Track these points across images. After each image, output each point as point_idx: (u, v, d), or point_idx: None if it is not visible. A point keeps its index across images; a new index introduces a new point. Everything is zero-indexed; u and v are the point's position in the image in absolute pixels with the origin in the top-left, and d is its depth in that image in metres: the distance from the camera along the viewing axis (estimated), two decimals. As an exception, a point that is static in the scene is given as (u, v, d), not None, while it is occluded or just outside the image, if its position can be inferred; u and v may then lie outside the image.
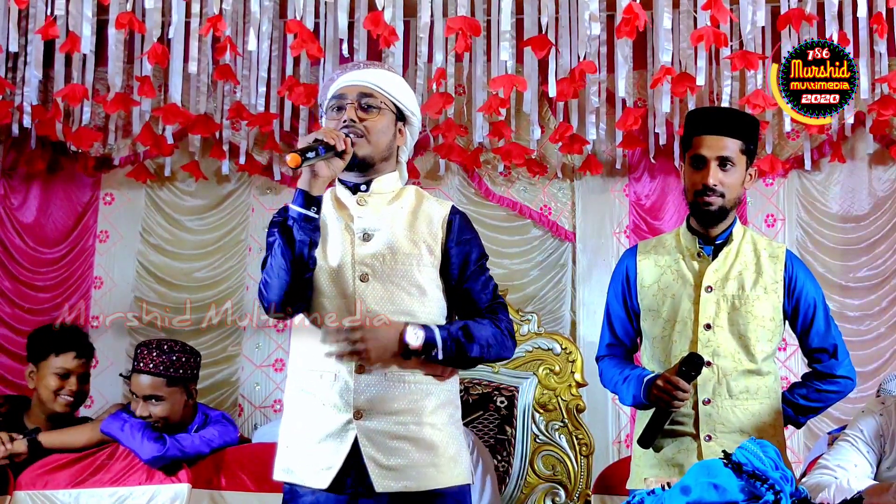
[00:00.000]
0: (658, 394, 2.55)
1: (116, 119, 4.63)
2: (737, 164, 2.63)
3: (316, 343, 2.13)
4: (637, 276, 2.76)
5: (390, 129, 2.21)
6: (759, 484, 1.68)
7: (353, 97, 2.16)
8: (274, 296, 2.07)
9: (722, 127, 2.65)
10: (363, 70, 2.22)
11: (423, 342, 2.06)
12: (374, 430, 2.08)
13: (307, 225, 2.04)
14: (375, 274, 2.12)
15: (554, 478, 3.63)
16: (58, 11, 3.66)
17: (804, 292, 2.68)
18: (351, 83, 2.19)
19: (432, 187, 4.73)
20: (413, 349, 2.05)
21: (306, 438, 2.13)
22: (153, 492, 3.15)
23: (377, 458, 2.08)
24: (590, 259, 4.67)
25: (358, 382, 2.09)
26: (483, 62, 4.25)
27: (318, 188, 2.05)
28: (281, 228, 2.05)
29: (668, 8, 3.74)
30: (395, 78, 2.25)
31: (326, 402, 2.11)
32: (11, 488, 3.15)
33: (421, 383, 2.13)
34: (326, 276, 2.14)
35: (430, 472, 2.10)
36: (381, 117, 2.18)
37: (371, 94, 2.17)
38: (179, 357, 3.25)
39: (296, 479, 2.14)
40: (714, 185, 2.61)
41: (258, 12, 3.80)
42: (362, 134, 2.13)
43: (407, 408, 2.10)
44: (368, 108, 2.16)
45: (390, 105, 2.20)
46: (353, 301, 2.11)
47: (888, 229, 4.51)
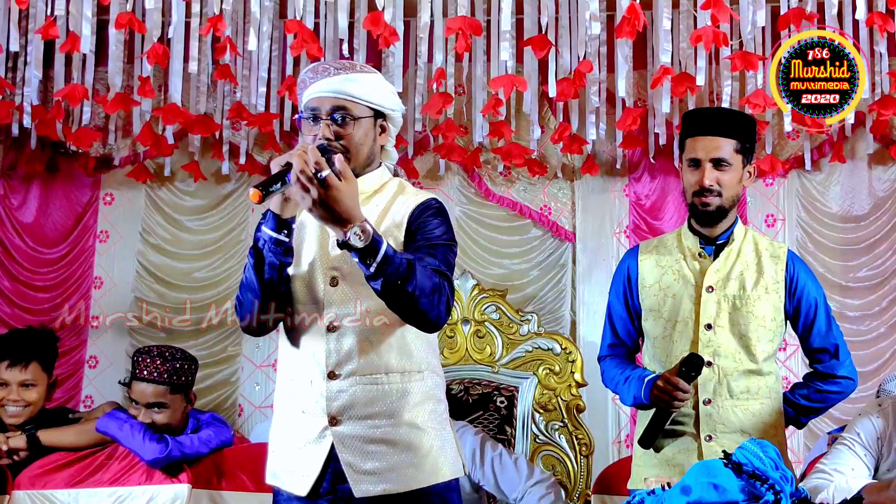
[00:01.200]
0: (658, 394, 2.56)
1: (116, 119, 4.63)
2: (732, 163, 2.64)
3: (295, 349, 2.13)
4: (638, 276, 2.76)
5: (369, 135, 2.14)
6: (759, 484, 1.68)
7: (326, 110, 2.09)
8: (246, 314, 2.09)
9: (715, 127, 2.66)
10: (333, 77, 2.11)
11: (365, 246, 1.87)
12: (349, 435, 2.07)
13: (278, 249, 2.02)
14: (344, 276, 2.09)
15: (554, 478, 3.62)
16: (58, 11, 3.66)
17: (805, 292, 2.68)
18: (322, 94, 2.10)
19: (432, 187, 4.73)
20: (346, 244, 1.88)
21: (289, 445, 2.14)
22: (153, 492, 3.15)
23: (354, 463, 2.06)
24: (590, 259, 4.67)
25: (330, 389, 2.08)
26: (483, 62, 4.25)
27: (289, 212, 2.02)
28: (253, 250, 2.04)
29: (667, 8, 3.74)
30: (367, 79, 2.14)
31: (305, 408, 2.11)
32: (10, 488, 3.15)
33: (395, 383, 2.09)
34: (300, 281, 2.12)
35: (409, 472, 2.07)
36: (358, 127, 2.11)
37: (344, 106, 2.09)
38: (182, 364, 3.26)
39: (280, 484, 2.16)
40: (710, 185, 2.62)
41: (258, 12, 3.80)
42: (338, 150, 2.04)
43: (381, 410, 2.08)
44: (343, 120, 2.09)
45: (366, 111, 2.12)
46: (322, 305, 2.09)
47: (888, 229, 4.51)
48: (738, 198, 2.69)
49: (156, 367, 3.23)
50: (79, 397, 4.67)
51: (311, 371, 2.10)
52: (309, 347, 2.11)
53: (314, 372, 2.09)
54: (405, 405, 2.09)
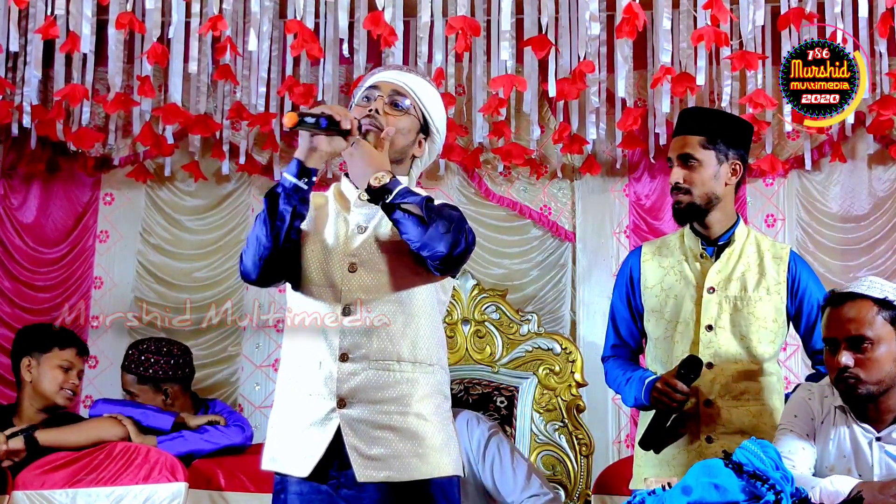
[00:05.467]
0: (657, 396, 2.56)
1: (116, 119, 4.63)
2: (700, 159, 2.63)
3: (305, 333, 2.13)
4: (641, 277, 2.77)
5: (411, 134, 2.20)
6: (759, 484, 1.68)
7: (385, 91, 2.17)
8: (249, 261, 2.09)
9: (681, 127, 2.70)
10: (404, 72, 2.23)
11: (383, 185, 2.01)
12: (357, 418, 2.07)
13: (295, 196, 2.04)
14: (364, 263, 2.12)
15: (554, 478, 3.62)
16: (58, 11, 3.66)
17: (807, 293, 2.68)
18: (387, 79, 2.20)
19: (432, 187, 4.72)
20: (372, 188, 2.01)
21: (291, 427, 2.13)
22: (150, 491, 3.15)
23: (359, 447, 2.06)
24: (590, 259, 4.66)
25: (342, 371, 2.08)
26: (483, 62, 4.25)
27: (314, 161, 2.04)
28: (268, 197, 2.06)
29: (667, 8, 3.74)
30: (431, 90, 2.25)
31: (312, 390, 2.11)
32: (10, 488, 3.15)
33: (406, 372, 2.11)
34: (317, 264, 2.14)
35: (413, 462, 2.07)
36: (406, 118, 2.18)
37: (403, 93, 2.18)
38: (150, 357, 3.49)
39: (280, 468, 2.15)
40: (677, 182, 2.64)
41: (258, 12, 3.80)
42: (381, 127, 2.12)
43: (392, 397, 2.08)
44: (396, 105, 2.17)
45: (418, 112, 2.20)
46: (339, 290, 2.11)
47: (888, 229, 4.51)
48: (714, 196, 2.65)
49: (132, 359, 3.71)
50: (79, 397, 4.64)
51: (321, 353, 2.10)
52: (321, 330, 2.11)
53: (325, 354, 2.10)
54: (414, 395, 2.10)
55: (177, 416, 3.51)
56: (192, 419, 3.53)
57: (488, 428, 3.28)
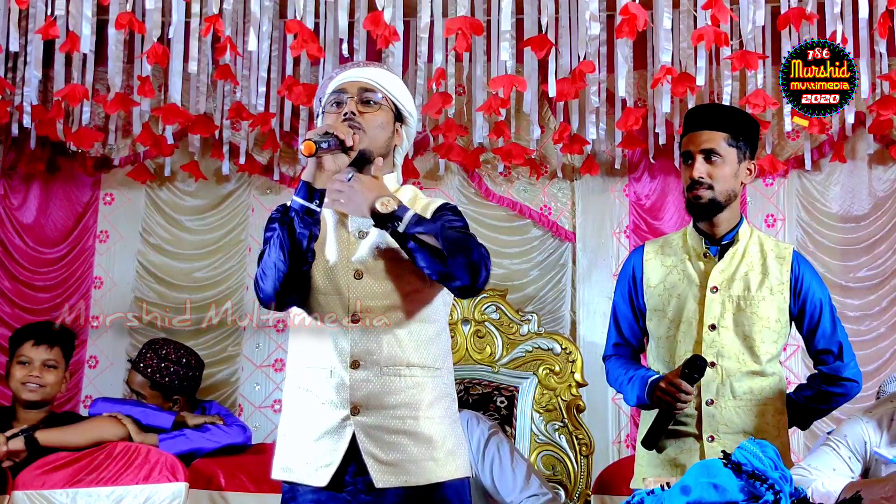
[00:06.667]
0: (661, 396, 2.55)
1: (116, 119, 4.63)
2: (724, 155, 2.63)
3: (313, 340, 2.14)
4: (643, 276, 2.76)
5: (388, 126, 2.22)
6: (758, 484, 1.68)
7: (353, 91, 2.19)
8: (269, 288, 2.08)
9: (705, 122, 2.67)
10: (363, 68, 2.26)
11: (391, 211, 2.03)
12: (371, 425, 2.08)
13: (308, 218, 2.05)
14: (369, 270, 2.13)
15: (554, 478, 3.62)
16: (58, 11, 3.66)
17: (811, 293, 2.68)
18: (351, 79, 2.22)
19: (432, 187, 4.73)
20: (379, 214, 2.04)
21: (304, 436, 2.13)
22: (150, 491, 3.15)
23: (376, 453, 2.08)
24: (590, 259, 4.66)
25: (354, 378, 2.09)
26: (483, 62, 4.25)
27: (321, 181, 2.06)
28: (281, 220, 2.06)
29: (668, 8, 3.73)
30: (394, 78, 2.28)
31: (324, 399, 2.11)
32: (10, 488, 3.15)
33: (416, 377, 2.12)
34: (322, 273, 2.15)
35: (429, 465, 2.10)
36: (381, 112, 2.20)
37: (371, 89, 2.20)
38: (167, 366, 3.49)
39: (295, 478, 2.14)
40: (700, 177, 2.62)
41: (258, 12, 3.80)
42: (360, 127, 2.14)
43: (404, 402, 2.10)
44: (368, 102, 2.19)
45: (389, 103, 2.23)
46: (346, 297, 2.12)
47: (888, 229, 4.51)
48: (734, 193, 2.67)
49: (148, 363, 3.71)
50: (79, 397, 4.67)
51: (330, 361, 2.11)
52: (330, 338, 2.12)
53: (335, 362, 2.10)
54: (424, 399, 2.12)
55: (177, 415, 3.51)
56: (192, 418, 3.53)
57: (488, 428, 3.28)
